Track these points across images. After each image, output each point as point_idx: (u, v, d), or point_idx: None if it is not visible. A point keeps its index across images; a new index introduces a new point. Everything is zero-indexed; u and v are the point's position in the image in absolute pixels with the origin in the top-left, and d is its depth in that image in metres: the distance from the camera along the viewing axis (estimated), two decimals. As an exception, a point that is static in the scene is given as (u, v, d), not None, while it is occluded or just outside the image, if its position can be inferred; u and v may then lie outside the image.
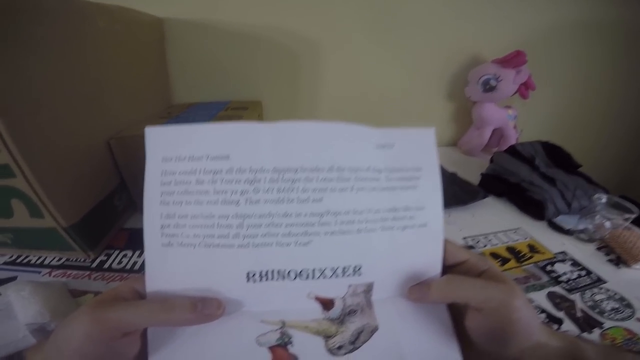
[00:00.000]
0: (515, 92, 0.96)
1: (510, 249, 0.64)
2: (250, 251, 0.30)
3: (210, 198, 0.29)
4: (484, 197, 0.77)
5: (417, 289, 0.32)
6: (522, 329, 0.28)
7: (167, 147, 0.29)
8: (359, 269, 0.32)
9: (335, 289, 0.32)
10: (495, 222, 0.72)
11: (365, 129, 0.32)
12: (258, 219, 0.29)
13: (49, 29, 0.47)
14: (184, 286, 0.30)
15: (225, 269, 0.30)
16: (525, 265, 0.60)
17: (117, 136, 0.60)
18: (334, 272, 0.31)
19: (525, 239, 0.67)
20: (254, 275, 0.30)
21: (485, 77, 0.94)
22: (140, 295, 0.30)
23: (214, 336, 0.30)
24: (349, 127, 0.32)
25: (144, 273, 0.30)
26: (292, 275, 0.31)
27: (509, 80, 0.92)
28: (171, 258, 0.29)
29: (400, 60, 1.01)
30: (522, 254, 0.63)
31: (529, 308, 0.29)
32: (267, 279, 0.31)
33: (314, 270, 0.31)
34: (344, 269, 0.31)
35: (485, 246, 0.65)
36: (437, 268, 0.33)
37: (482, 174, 0.86)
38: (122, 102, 0.65)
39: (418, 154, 0.33)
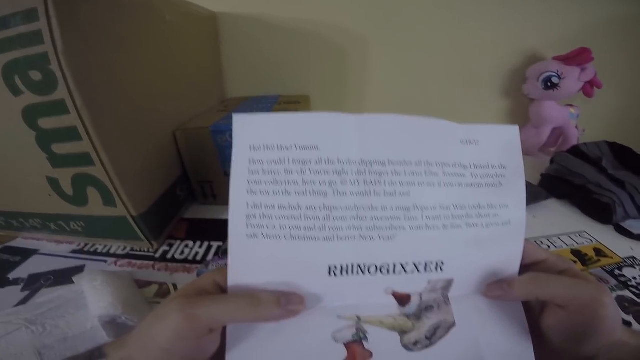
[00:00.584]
0: (579, 91, 0.92)
1: (576, 252, 0.61)
2: (334, 244, 0.29)
3: (298, 188, 0.29)
4: (547, 199, 0.74)
5: (496, 287, 0.31)
6: (607, 327, 0.27)
7: (254, 136, 0.29)
8: (442, 264, 0.31)
9: (414, 285, 0.32)
10: (558, 224, 0.69)
11: (450, 124, 0.32)
12: (344, 211, 0.29)
13: (126, 24, 0.48)
14: (267, 279, 0.29)
15: (309, 261, 0.30)
16: (592, 268, 0.57)
17: (182, 127, 0.61)
18: (416, 267, 0.31)
19: (591, 242, 0.64)
20: (335, 268, 0.30)
21: (547, 74, 0.90)
22: (222, 289, 0.30)
23: (291, 332, 0.29)
24: (434, 121, 0.31)
25: (223, 265, 0.30)
26: (373, 269, 0.30)
27: (574, 78, 0.88)
28: (256, 250, 0.29)
29: (453, 56, 0.98)
30: (588, 257, 0.60)
31: (616, 306, 0.28)
32: (347, 273, 0.30)
33: (395, 265, 0.30)
34: (426, 264, 0.31)
35: (549, 248, 0.62)
36: (515, 266, 0.32)
37: (542, 174, 0.83)
38: (183, 95, 0.66)
39: (503, 151, 0.33)
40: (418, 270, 0.31)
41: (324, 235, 0.29)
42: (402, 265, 0.31)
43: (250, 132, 0.29)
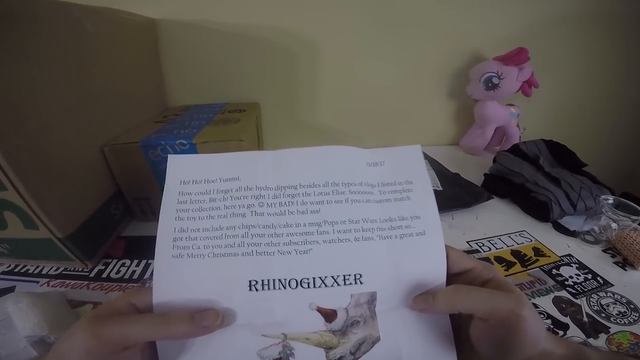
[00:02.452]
0: (518, 90, 0.94)
1: (515, 253, 0.63)
2: (253, 259, 0.32)
3: (220, 212, 0.33)
4: (488, 199, 0.76)
5: (421, 299, 0.32)
6: (528, 339, 0.28)
7: (185, 172, 0.34)
8: (360, 277, 0.32)
9: (338, 299, 0.32)
10: (500, 224, 0.71)
11: (356, 150, 0.37)
12: (262, 229, 0.32)
13: (34, 35, 0.46)
14: (190, 296, 0.31)
15: (229, 277, 0.31)
16: (531, 269, 0.59)
17: (111, 144, 0.58)
18: (335, 280, 0.32)
19: (530, 241, 0.66)
20: (256, 283, 0.31)
21: (488, 74, 0.92)
22: (137, 309, 0.30)
23: (218, 350, 0.31)
24: (340, 148, 0.37)
25: (140, 286, 0.31)
26: (293, 284, 0.32)
27: (512, 78, 0.91)
28: (180, 268, 0.31)
29: (399, 58, 0.99)
30: (527, 257, 0.62)
31: (536, 317, 0.29)
32: (268, 288, 0.32)
33: (314, 279, 0.32)
34: (344, 277, 0.32)
35: (489, 250, 0.64)
36: (441, 277, 0.33)
37: (485, 175, 0.85)
38: (115, 107, 0.64)
39: (408, 168, 0.37)
40: (337, 283, 0.32)
41: (242, 251, 0.32)
42: (321, 279, 0.32)
43: (182, 169, 0.34)
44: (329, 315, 0.32)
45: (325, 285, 0.32)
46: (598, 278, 0.57)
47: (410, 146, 0.37)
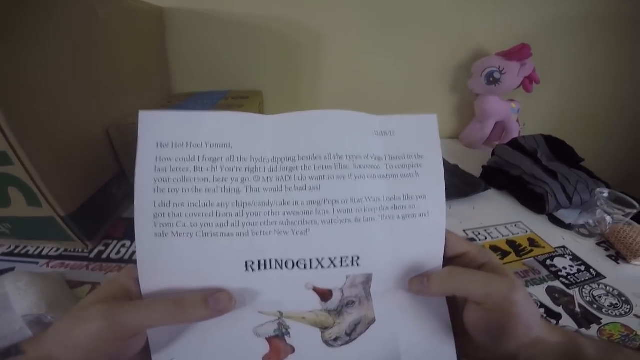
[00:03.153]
0: (519, 86, 0.95)
1: (511, 243, 0.64)
2: (249, 240, 0.29)
3: (209, 186, 0.28)
4: (485, 190, 0.77)
5: (417, 281, 0.31)
6: (521, 324, 0.28)
7: (163, 133, 0.29)
8: (357, 259, 0.31)
9: (334, 280, 0.31)
10: (496, 215, 0.72)
11: (364, 116, 0.32)
12: (257, 207, 0.29)
13: (48, 18, 0.46)
14: (182, 278, 0.29)
15: (223, 258, 0.30)
16: (525, 259, 0.60)
17: (116, 124, 0.59)
18: (332, 262, 0.31)
19: (526, 232, 0.67)
20: (252, 264, 0.30)
21: (489, 69, 0.93)
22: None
23: (213, 327, 0.30)
24: (347, 114, 0.31)
25: None
26: (290, 264, 0.30)
27: (514, 74, 0.91)
28: (165, 249, 0.28)
29: (402, 51, 1.00)
30: (522, 247, 0.63)
31: (529, 303, 0.28)
32: (265, 268, 0.30)
33: (311, 260, 0.30)
34: (342, 259, 0.31)
35: (485, 239, 0.65)
36: (438, 259, 0.32)
37: (483, 166, 0.86)
38: (121, 91, 0.65)
39: (420, 141, 0.32)
40: (334, 265, 0.31)
41: (237, 231, 0.29)
42: (318, 260, 0.31)
43: (157, 129, 0.29)
44: (324, 294, 0.32)
45: (322, 267, 0.31)
46: (591, 270, 0.58)
47: (425, 115, 0.32)
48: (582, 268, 0.58)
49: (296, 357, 0.30)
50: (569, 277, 0.56)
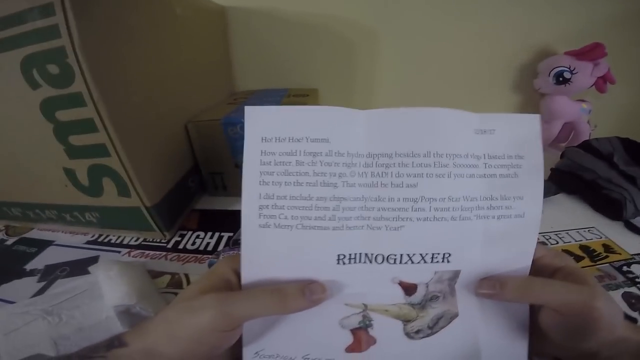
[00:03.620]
0: (592, 86, 0.91)
1: (584, 248, 0.61)
2: (343, 233, 0.30)
3: (309, 179, 0.29)
4: (556, 193, 0.73)
5: (488, 284, 0.31)
6: (603, 327, 0.27)
7: (266, 127, 0.30)
8: (449, 256, 0.31)
9: (421, 275, 0.32)
10: (567, 219, 0.69)
11: (464, 114, 0.31)
12: (353, 202, 0.30)
13: (139, 18, 0.49)
14: (278, 268, 0.30)
15: (319, 251, 0.30)
16: (600, 264, 0.57)
17: (194, 120, 0.62)
18: (423, 258, 0.31)
19: (600, 238, 0.64)
20: (343, 257, 0.31)
21: (559, 69, 0.89)
22: (239, 275, 0.31)
23: (301, 318, 0.30)
24: (446, 111, 0.31)
25: (236, 253, 0.30)
26: (380, 259, 0.31)
27: (586, 73, 0.87)
28: (268, 239, 0.30)
29: (463, 50, 0.97)
30: (597, 253, 0.60)
31: (611, 306, 0.28)
32: (355, 262, 0.31)
33: (402, 256, 0.31)
34: (433, 255, 0.31)
35: (557, 243, 0.62)
36: (527, 262, 0.32)
37: (552, 169, 0.82)
38: (193, 88, 0.67)
39: (521, 141, 0.32)
40: (425, 261, 0.31)
41: (333, 225, 0.30)
42: (408, 256, 0.31)
43: (262, 124, 0.30)
44: (409, 288, 0.32)
45: (412, 262, 0.31)
46: (669, 277, 0.55)
47: (528, 115, 0.32)
48: (661, 276, 0.55)
49: (377, 348, 0.31)
50: (646, 284, 0.53)
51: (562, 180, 0.78)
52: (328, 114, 0.30)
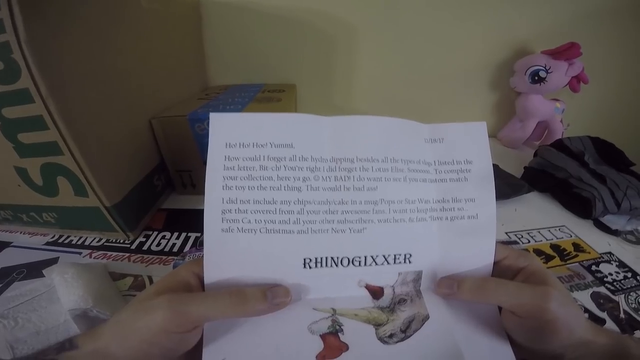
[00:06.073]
0: (565, 85, 0.92)
1: (555, 247, 0.62)
2: (308, 237, 0.31)
3: (273, 184, 0.30)
4: (529, 192, 0.74)
5: (446, 284, 0.32)
6: (560, 329, 0.28)
7: (230, 133, 0.31)
8: (410, 257, 0.33)
9: (385, 277, 0.33)
10: (539, 218, 0.69)
11: (415, 124, 0.34)
12: (317, 205, 0.31)
13: (94, 10, 0.47)
14: (243, 272, 0.30)
15: (284, 254, 0.31)
16: (570, 264, 0.58)
17: (159, 116, 0.60)
18: (385, 259, 0.32)
19: (570, 237, 0.64)
20: (310, 261, 0.31)
21: (535, 68, 0.89)
22: (201, 280, 0.30)
23: (267, 323, 0.30)
24: (400, 121, 0.33)
25: (200, 256, 0.30)
26: (345, 262, 0.32)
27: (561, 73, 0.87)
28: (230, 244, 0.30)
29: (442, 48, 0.97)
30: (567, 252, 0.60)
31: (567, 308, 0.28)
32: (321, 266, 0.32)
33: (366, 257, 0.32)
34: (395, 256, 0.32)
35: (528, 242, 0.62)
36: (488, 262, 0.33)
37: (525, 167, 0.83)
38: (161, 82, 0.65)
39: (469, 147, 0.34)
40: (387, 262, 0.32)
41: (298, 229, 0.31)
42: (372, 257, 0.32)
43: (226, 129, 0.31)
44: (376, 292, 0.33)
45: (376, 264, 0.32)
46: (638, 277, 0.55)
47: (474, 123, 0.34)
48: (629, 275, 0.55)
49: (351, 354, 0.30)
50: (614, 283, 0.54)
51: (535, 178, 0.79)
52: (292, 120, 0.32)
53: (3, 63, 0.38)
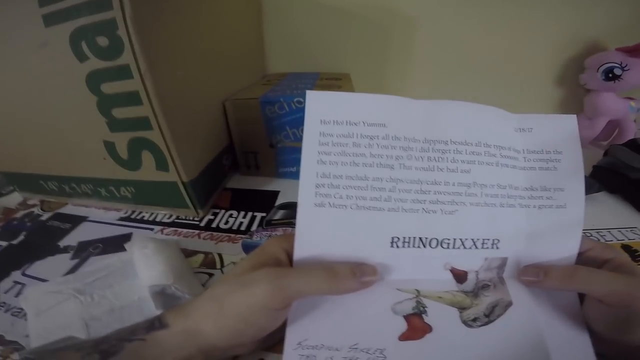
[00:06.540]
0: (643, 84, 0.86)
1: (626, 247, 0.59)
2: (398, 215, 0.31)
3: (366, 160, 0.31)
4: (599, 191, 0.71)
5: (532, 272, 0.31)
6: None
7: (325, 111, 0.31)
8: (497, 242, 0.32)
9: (471, 262, 0.33)
10: (609, 218, 0.66)
11: (505, 112, 0.34)
12: (409, 184, 0.31)
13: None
14: (330, 249, 0.31)
15: (373, 232, 0.31)
16: (642, 264, 0.56)
17: (232, 98, 0.62)
18: (474, 243, 0.32)
19: (644, 238, 0.62)
20: (397, 240, 0.31)
21: (609, 65, 0.84)
22: (289, 255, 0.31)
23: (351, 303, 0.30)
24: (490, 108, 0.34)
25: (286, 231, 0.31)
26: (434, 243, 0.32)
27: (638, 70, 0.83)
28: (322, 219, 0.30)
29: (506, 40, 0.94)
30: (639, 253, 0.58)
31: None
32: (409, 245, 0.32)
33: (455, 240, 0.32)
34: (483, 241, 0.32)
35: (598, 241, 0.60)
36: (573, 251, 0.32)
37: (594, 166, 0.80)
38: (230, 67, 0.67)
39: (558, 139, 0.34)
40: (476, 247, 0.32)
41: (389, 207, 0.31)
42: (461, 241, 0.32)
43: (321, 107, 0.31)
44: (460, 276, 0.33)
45: (464, 247, 0.32)
46: None
47: (564, 115, 0.34)
48: None
49: (434, 336, 0.30)
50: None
51: (605, 178, 0.75)
52: (385, 100, 0.32)
53: (108, 39, 0.39)
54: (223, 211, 0.60)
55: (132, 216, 0.59)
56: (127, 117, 0.45)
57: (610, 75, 0.85)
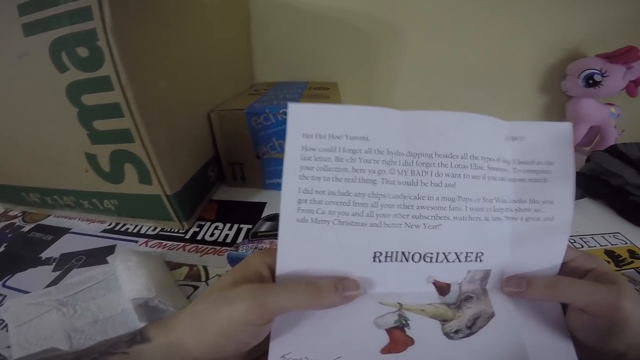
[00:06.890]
0: (622, 90, 0.88)
1: (609, 253, 0.60)
2: (381, 231, 0.30)
3: (348, 175, 0.30)
4: (581, 197, 0.72)
5: (514, 283, 0.32)
6: (630, 328, 0.27)
7: (308, 124, 0.30)
8: (481, 255, 0.32)
9: (454, 274, 0.33)
10: (592, 224, 0.67)
11: (495, 120, 0.33)
12: (392, 199, 0.30)
13: (169, 3, 0.48)
14: (312, 264, 0.30)
15: (355, 247, 0.31)
16: (625, 269, 0.56)
17: (217, 109, 0.61)
18: (457, 257, 0.32)
19: (625, 244, 0.62)
20: (380, 255, 0.31)
21: (589, 71, 0.86)
22: (272, 270, 0.30)
23: (333, 317, 0.30)
24: (479, 117, 0.32)
25: (272, 244, 0.30)
26: (417, 257, 0.31)
27: (618, 77, 0.84)
28: (304, 234, 0.30)
29: (488, 47, 0.95)
30: (622, 258, 0.58)
31: (639, 307, 0.27)
32: (391, 260, 0.31)
33: (437, 254, 0.31)
34: (467, 254, 0.32)
35: (581, 247, 0.60)
36: (556, 263, 0.32)
37: (577, 173, 0.80)
38: (216, 77, 0.67)
39: (551, 148, 0.33)
40: (459, 260, 0.32)
41: (371, 222, 0.30)
42: (444, 255, 0.32)
43: (303, 120, 0.30)
44: (443, 288, 0.33)
45: (448, 261, 0.32)
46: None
47: (559, 123, 0.33)
48: (688, 282, 0.53)
49: (416, 348, 0.30)
50: (671, 289, 0.52)
51: (588, 184, 0.76)
52: (368, 112, 0.31)
53: (88, 50, 0.39)
54: (209, 223, 0.59)
55: (116, 228, 0.58)
56: (109, 129, 0.44)
57: (591, 81, 0.86)
